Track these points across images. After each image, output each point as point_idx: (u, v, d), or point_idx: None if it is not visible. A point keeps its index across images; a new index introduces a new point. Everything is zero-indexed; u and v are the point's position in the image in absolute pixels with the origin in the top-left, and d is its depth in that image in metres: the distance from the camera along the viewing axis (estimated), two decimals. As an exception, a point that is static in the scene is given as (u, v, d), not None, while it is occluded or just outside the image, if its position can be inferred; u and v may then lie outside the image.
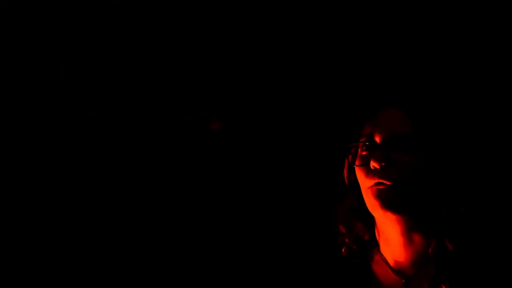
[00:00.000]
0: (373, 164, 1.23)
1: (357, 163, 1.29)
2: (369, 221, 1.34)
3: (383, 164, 1.22)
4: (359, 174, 1.28)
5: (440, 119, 1.27)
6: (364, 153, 1.28)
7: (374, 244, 1.34)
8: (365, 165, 1.26)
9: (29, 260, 1.66)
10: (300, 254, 1.62)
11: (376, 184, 1.23)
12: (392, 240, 1.28)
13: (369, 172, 1.25)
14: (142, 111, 1.71)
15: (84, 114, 1.69)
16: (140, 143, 1.71)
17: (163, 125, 1.72)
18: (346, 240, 1.37)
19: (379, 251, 1.33)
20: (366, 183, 1.26)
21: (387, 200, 1.22)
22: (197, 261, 1.70)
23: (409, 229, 1.26)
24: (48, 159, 1.69)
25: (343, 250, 1.37)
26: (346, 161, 1.35)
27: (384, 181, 1.22)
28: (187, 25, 1.70)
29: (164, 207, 1.71)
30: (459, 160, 1.25)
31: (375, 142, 1.26)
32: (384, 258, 1.31)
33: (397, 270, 1.29)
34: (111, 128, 1.70)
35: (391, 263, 1.30)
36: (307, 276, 1.44)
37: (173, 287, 1.69)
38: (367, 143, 1.28)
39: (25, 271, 1.65)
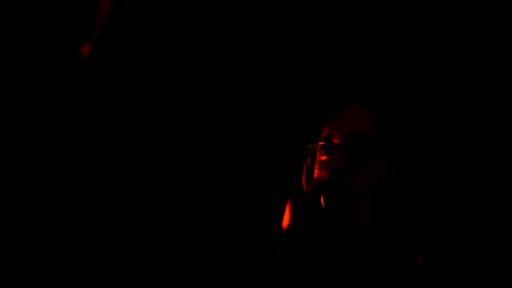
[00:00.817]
0: (334, 169, 1.06)
1: (316, 168, 1.14)
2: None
3: (345, 169, 1.05)
4: (318, 181, 1.14)
5: (416, 119, 1.11)
6: (323, 157, 1.13)
7: None
8: (324, 171, 1.10)
9: (28, 260, 1.66)
10: (299, 254, 1.62)
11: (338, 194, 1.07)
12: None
13: (329, 180, 1.08)
14: (142, 111, 1.71)
15: (84, 114, 1.69)
16: (140, 143, 1.71)
17: (163, 125, 1.72)
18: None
19: None
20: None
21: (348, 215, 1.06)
22: (197, 261, 1.70)
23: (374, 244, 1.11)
24: (48, 159, 1.69)
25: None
26: (305, 166, 1.21)
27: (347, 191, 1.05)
28: (187, 25, 1.70)
29: (164, 207, 1.71)
30: (437, 166, 1.10)
31: (335, 144, 1.10)
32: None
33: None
34: (111, 128, 1.70)
35: None
36: (306, 275, 1.44)
37: (173, 287, 1.69)
38: (325, 144, 1.12)
39: (25, 271, 1.65)
